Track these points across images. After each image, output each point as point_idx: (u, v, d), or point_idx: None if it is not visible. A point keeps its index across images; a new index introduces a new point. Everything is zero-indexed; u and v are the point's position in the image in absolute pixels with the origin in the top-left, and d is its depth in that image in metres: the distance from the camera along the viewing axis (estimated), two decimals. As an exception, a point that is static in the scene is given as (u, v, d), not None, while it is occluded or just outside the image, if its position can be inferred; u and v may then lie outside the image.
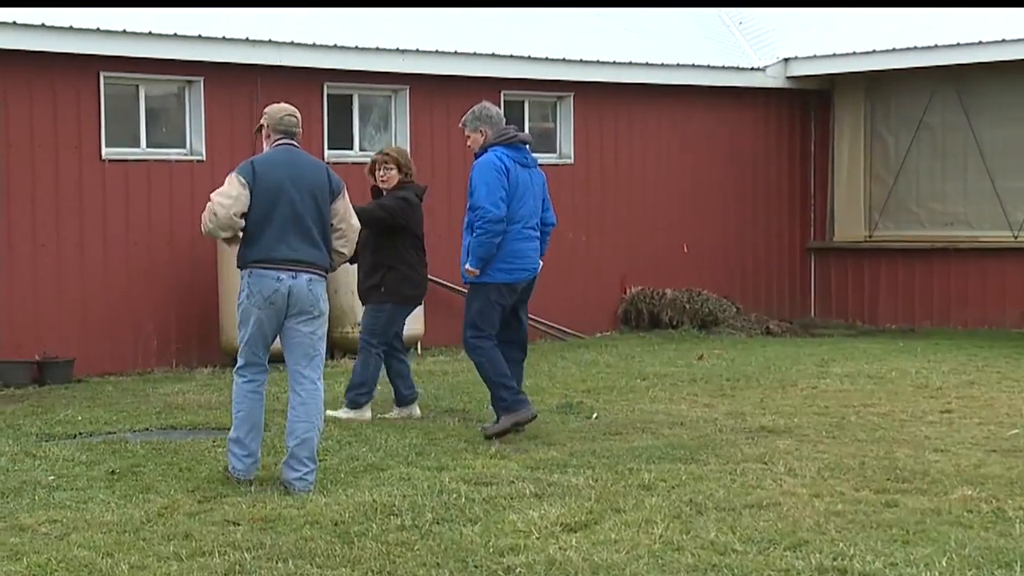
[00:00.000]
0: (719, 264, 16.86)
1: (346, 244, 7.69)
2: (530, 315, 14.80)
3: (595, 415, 9.82)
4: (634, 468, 7.77)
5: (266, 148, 7.72)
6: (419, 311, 13.75)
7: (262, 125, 7.74)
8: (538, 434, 8.96)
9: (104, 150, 12.53)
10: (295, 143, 7.69)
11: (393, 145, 12.39)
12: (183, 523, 6.58)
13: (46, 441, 8.87)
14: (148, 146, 12.91)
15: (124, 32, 12.24)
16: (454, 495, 7.03)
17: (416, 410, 9.88)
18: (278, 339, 7.61)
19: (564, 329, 15.28)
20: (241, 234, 7.50)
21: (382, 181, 9.85)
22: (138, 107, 12.88)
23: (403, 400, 9.85)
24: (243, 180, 7.44)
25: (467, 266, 8.89)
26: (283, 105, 7.84)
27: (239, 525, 6.54)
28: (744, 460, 8.02)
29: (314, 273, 7.49)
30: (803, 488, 7.22)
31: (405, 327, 13.33)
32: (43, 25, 11.81)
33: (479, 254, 8.84)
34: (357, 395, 9.61)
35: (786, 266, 17.48)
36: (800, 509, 6.75)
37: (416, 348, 13.89)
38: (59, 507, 6.89)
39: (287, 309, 7.45)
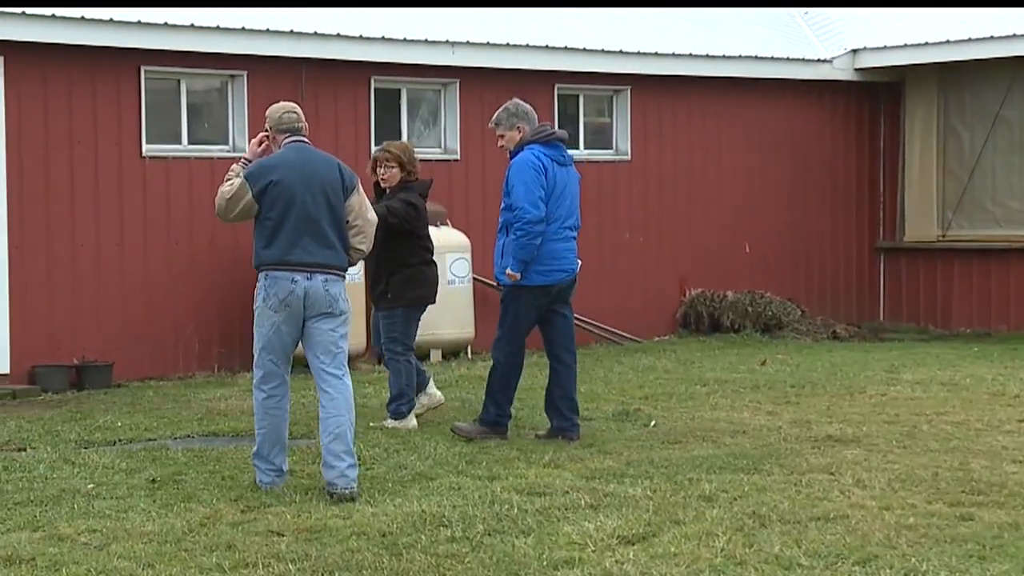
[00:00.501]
0: (783, 265, 16.77)
1: (364, 240, 7.85)
2: (585, 318, 14.91)
3: (653, 423, 9.80)
4: (694, 478, 7.74)
5: (274, 151, 7.92)
6: (469, 314, 13.79)
7: (267, 130, 7.96)
8: (594, 442, 8.96)
9: (145, 147, 12.64)
10: (304, 139, 7.88)
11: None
12: (226, 533, 6.62)
13: (85, 448, 8.96)
14: (190, 143, 13.01)
15: (165, 25, 12.34)
16: (506, 506, 7.04)
17: (435, 391, 9.94)
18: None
19: (620, 333, 15.25)
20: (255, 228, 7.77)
21: (383, 180, 9.84)
22: (179, 102, 12.97)
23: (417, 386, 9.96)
24: (247, 184, 7.70)
25: (508, 270, 8.94)
26: (281, 103, 8.07)
27: (283, 536, 6.58)
28: (810, 470, 7.98)
29: (330, 273, 7.66)
30: (872, 500, 7.17)
31: (456, 331, 13.34)
32: (82, 18, 11.93)
33: (520, 256, 8.89)
34: (398, 407, 9.67)
35: (854, 267, 17.36)
36: (869, 522, 6.70)
37: (467, 352, 13.91)
38: (98, 516, 6.95)
39: (304, 311, 7.62)
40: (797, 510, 6.95)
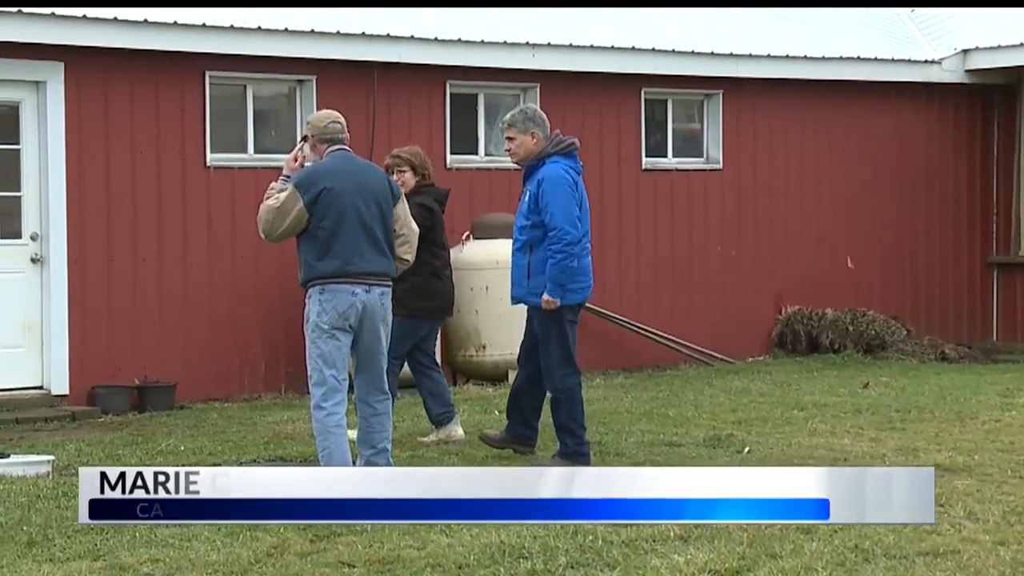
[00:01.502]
0: (887, 281, 16.63)
1: (409, 250, 8.25)
2: (674, 337, 14.88)
3: (747, 449, 9.76)
4: (792, 509, 7.69)
5: (314, 159, 8.21)
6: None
7: (307, 136, 8.26)
8: (683, 470, 8.94)
9: (209, 156, 12.79)
10: (348, 148, 8.22)
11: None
12: (294, 564, 6.68)
13: (147, 472, 9.06)
14: (256, 151, 13.14)
15: (231, 28, 12.49)
16: (590, 537, 7.03)
17: (457, 430, 10.08)
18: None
19: (711, 353, 15.20)
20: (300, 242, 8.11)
21: (399, 186, 10.00)
22: (246, 109, 13.12)
23: (437, 420, 10.09)
24: (298, 194, 7.94)
25: (546, 296, 9.05)
26: (325, 112, 8.42)
27: (354, 567, 6.62)
28: (917, 502, 7.90)
29: (384, 285, 8.07)
30: (985, 534, 7.09)
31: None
32: (145, 21, 12.11)
33: (560, 280, 9.06)
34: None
35: (964, 283, 17.16)
36: (982, 558, 6.63)
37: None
38: (162, 545, 7.03)
39: (361, 323, 7.96)
40: (903, 544, 6.89)
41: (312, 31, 12.91)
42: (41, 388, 12.09)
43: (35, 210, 12.13)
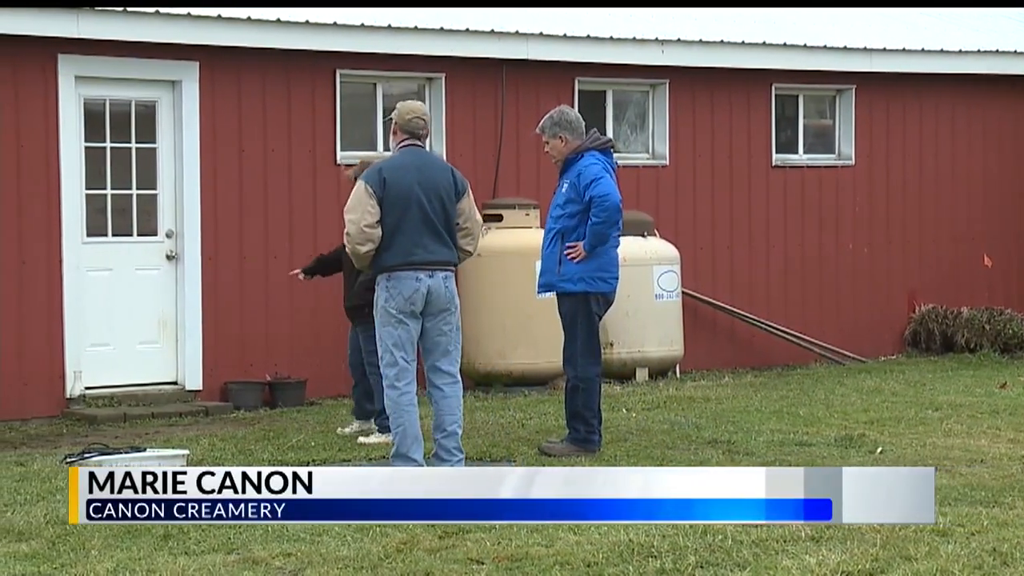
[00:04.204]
0: (1025, 279, 16.31)
1: (471, 242, 8.68)
2: (805, 335, 14.74)
3: (880, 450, 9.64)
4: (926, 511, 7.57)
5: (392, 146, 8.75)
6: (678, 331, 13.72)
7: (391, 120, 8.74)
8: (815, 470, 8.84)
9: (339, 154, 12.92)
10: (421, 144, 8.65)
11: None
12: (423, 560, 6.71)
13: (278, 467, 9.18)
14: (385, 149, 13.15)
15: (362, 26, 12.61)
16: (720, 536, 6.99)
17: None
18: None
19: (843, 351, 15.03)
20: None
21: None
22: (375, 107, 13.24)
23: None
24: (371, 190, 8.41)
25: (583, 245, 9.28)
26: (415, 105, 8.83)
27: (483, 564, 6.64)
28: (1057, 505, 7.75)
29: (447, 270, 8.50)
30: None
31: (664, 348, 13.36)
32: (278, 21, 12.27)
33: (596, 243, 9.31)
34: (384, 420, 9.73)
35: (1105, 282, 16.77)
36: (1125, 564, 6.47)
37: (675, 371, 13.85)
38: (293, 540, 7.12)
39: (426, 307, 8.44)
40: (1043, 548, 6.75)
41: (441, 29, 12.98)
42: (175, 383, 12.30)
43: (170, 208, 12.34)
